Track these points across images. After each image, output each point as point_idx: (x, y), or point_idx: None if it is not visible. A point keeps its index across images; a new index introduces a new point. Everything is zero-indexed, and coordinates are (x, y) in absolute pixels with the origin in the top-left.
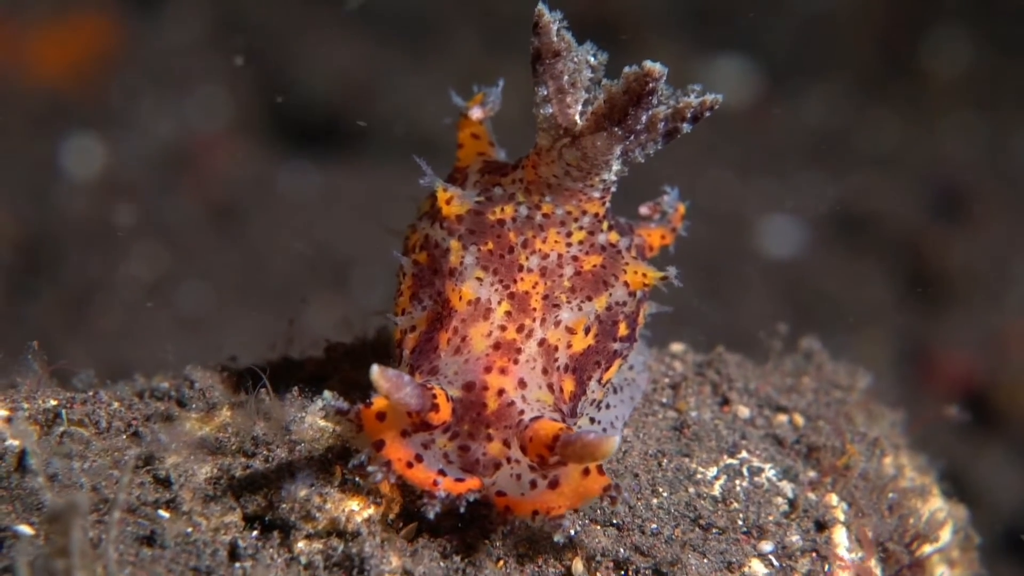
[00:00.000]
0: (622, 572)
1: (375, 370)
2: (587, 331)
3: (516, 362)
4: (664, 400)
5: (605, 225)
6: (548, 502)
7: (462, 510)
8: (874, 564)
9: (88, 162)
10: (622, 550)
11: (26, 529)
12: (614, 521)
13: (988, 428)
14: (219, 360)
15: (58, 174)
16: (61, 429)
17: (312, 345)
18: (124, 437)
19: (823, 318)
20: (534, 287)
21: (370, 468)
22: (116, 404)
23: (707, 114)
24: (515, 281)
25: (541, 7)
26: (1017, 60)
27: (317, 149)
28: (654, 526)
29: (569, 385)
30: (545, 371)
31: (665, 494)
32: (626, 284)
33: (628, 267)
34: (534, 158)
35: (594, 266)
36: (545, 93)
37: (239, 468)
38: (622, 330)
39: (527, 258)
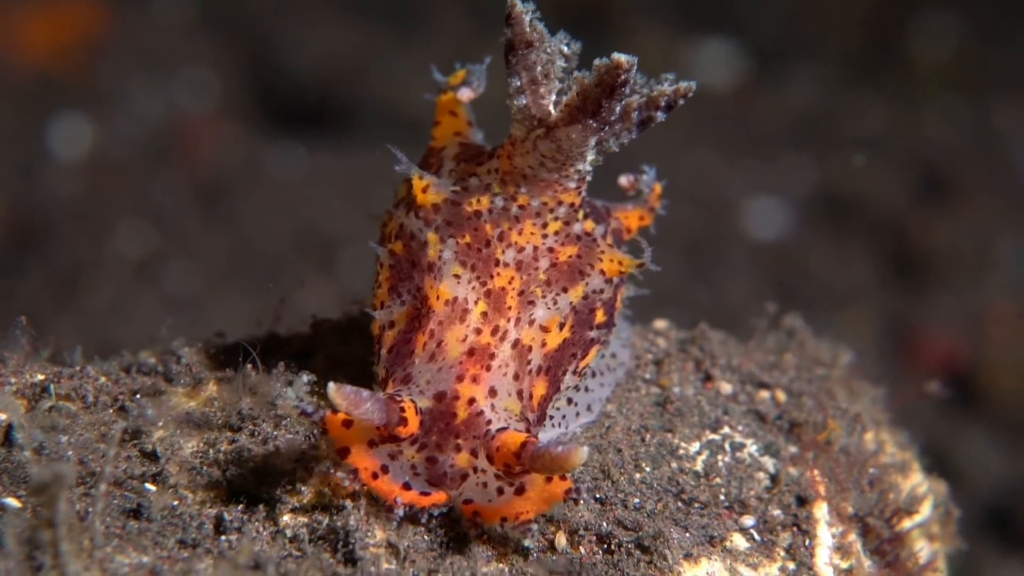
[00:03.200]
0: (605, 546)
1: (331, 388)
2: (562, 326)
3: (489, 368)
4: (647, 376)
5: (581, 214)
6: (516, 508)
7: (423, 520)
8: (854, 538)
9: (76, 143)
10: (605, 524)
11: (13, 502)
12: (597, 496)
13: (969, 408)
14: (206, 336)
15: (47, 155)
16: (48, 403)
17: (299, 322)
18: (111, 411)
19: (808, 299)
20: (510, 282)
21: (338, 474)
22: (103, 379)
23: (681, 102)
24: (492, 276)
25: None
26: (1001, 46)
27: (305, 130)
28: (637, 500)
29: (540, 389)
30: (517, 376)
31: (648, 469)
32: (602, 272)
33: (604, 255)
34: (509, 148)
35: (570, 256)
36: (519, 84)
37: (225, 442)
38: (599, 317)
39: (503, 252)
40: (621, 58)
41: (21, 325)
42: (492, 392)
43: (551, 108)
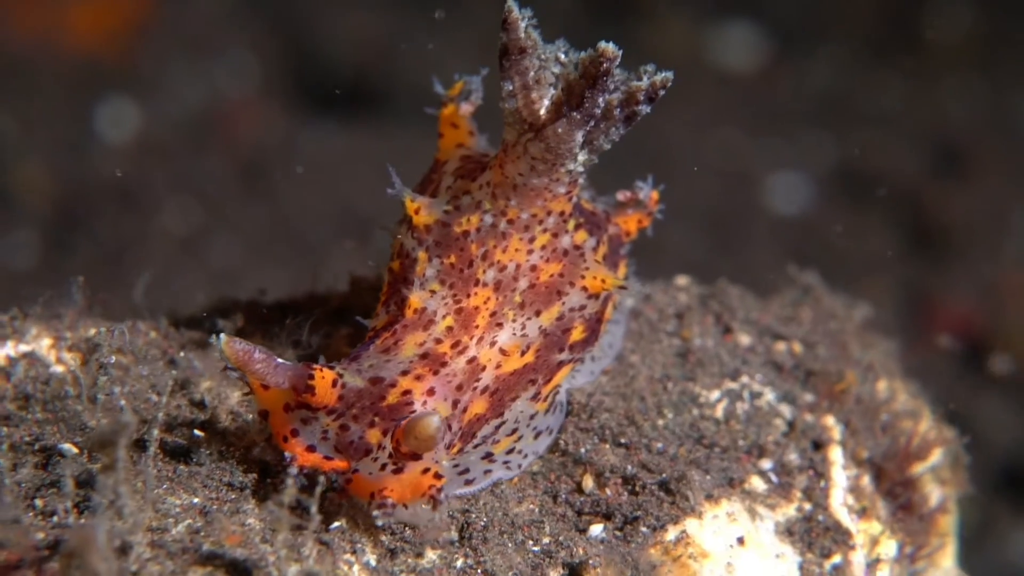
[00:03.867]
0: (630, 487)
1: (223, 339)
2: (524, 352)
3: (436, 373)
4: (669, 329)
5: (571, 224)
6: (384, 484)
7: (319, 486)
8: (868, 481)
9: (123, 125)
10: (630, 467)
11: (71, 448)
12: (622, 440)
13: (985, 374)
14: (251, 295)
15: (94, 137)
16: (102, 357)
17: (337, 281)
18: (161, 364)
19: (827, 271)
20: (485, 303)
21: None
22: (153, 334)
23: (662, 92)
24: (468, 296)
25: (510, 4)
26: (1015, 24)
27: (341, 112)
28: (660, 445)
29: (478, 407)
30: (460, 387)
31: (670, 415)
32: (584, 289)
33: (588, 272)
34: (501, 156)
35: (551, 276)
36: (511, 88)
37: None
38: (576, 335)
39: (484, 271)
40: (606, 47)
41: (77, 284)
42: (430, 392)
43: (542, 112)
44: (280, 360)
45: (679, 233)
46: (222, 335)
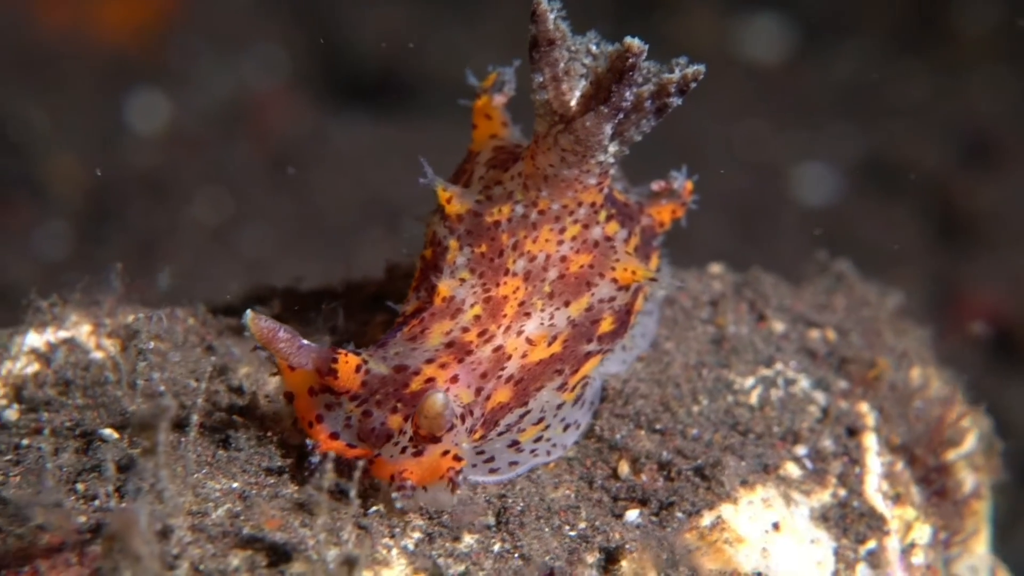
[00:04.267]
0: (665, 473)
1: (248, 315)
2: (552, 342)
3: (461, 361)
4: (704, 316)
5: (603, 215)
6: (404, 467)
7: (357, 471)
8: (902, 468)
9: (153, 117)
10: (665, 453)
11: (111, 433)
12: (657, 427)
13: (1015, 363)
14: (287, 283)
15: (124, 129)
16: (141, 343)
17: (372, 269)
18: (199, 350)
19: (855, 262)
20: (514, 292)
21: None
22: (191, 320)
23: (693, 85)
24: (497, 285)
25: None
26: None
27: (369, 103)
28: (695, 431)
29: (502, 396)
30: (485, 375)
31: (705, 402)
32: (614, 280)
33: (618, 264)
34: (532, 147)
35: (581, 267)
36: (541, 79)
37: None
38: (605, 326)
39: (514, 261)
40: (632, 42)
41: (116, 271)
42: (454, 379)
43: (572, 104)
44: (305, 341)
45: (707, 223)
46: (248, 312)
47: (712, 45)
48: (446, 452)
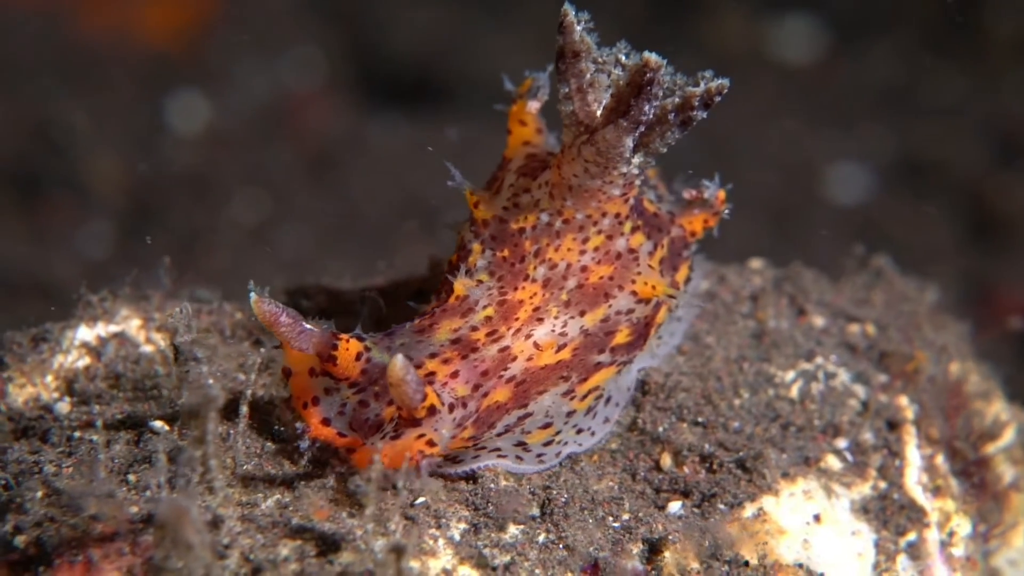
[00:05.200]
0: (707, 465)
1: (253, 297)
2: (559, 349)
3: (464, 358)
4: (744, 311)
5: (628, 226)
6: (381, 452)
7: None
8: (942, 460)
9: (193, 118)
10: (707, 446)
11: (161, 425)
12: (699, 419)
13: None
14: (330, 278)
15: (165, 129)
16: (190, 336)
17: (413, 265)
18: (247, 344)
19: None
20: (531, 298)
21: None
22: (239, 314)
23: (717, 99)
24: (515, 289)
25: (567, 7)
26: None
27: (406, 104)
28: (736, 424)
29: (500, 395)
30: (485, 373)
31: (746, 395)
32: (634, 293)
33: (639, 277)
34: (559, 157)
35: (601, 278)
36: (567, 90)
37: None
38: (620, 338)
39: (535, 268)
40: (650, 57)
41: (165, 266)
42: (454, 375)
43: (598, 115)
44: (308, 325)
45: (742, 222)
46: (252, 293)
47: (744, 46)
48: (421, 436)
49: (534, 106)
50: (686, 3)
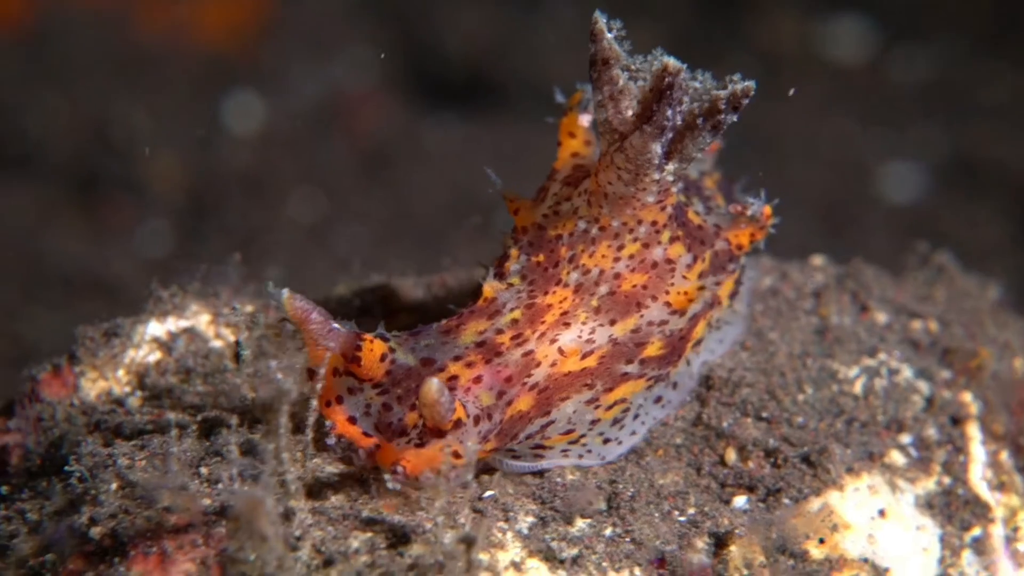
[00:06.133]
0: (772, 460)
1: (284, 293)
2: (585, 356)
3: (488, 362)
4: (807, 307)
5: (666, 236)
6: (404, 455)
7: (355, 460)
8: (1006, 457)
9: (249, 118)
10: (772, 440)
11: (232, 419)
12: (763, 415)
13: None
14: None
15: (222, 129)
16: (258, 332)
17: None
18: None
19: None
20: (560, 302)
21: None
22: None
23: (745, 101)
24: (545, 293)
25: (597, 15)
26: None
27: (459, 104)
28: (801, 419)
29: (523, 404)
30: (509, 379)
31: (810, 391)
32: (667, 304)
33: (673, 287)
34: (597, 164)
35: (634, 286)
36: (600, 98)
37: None
38: (651, 350)
39: (568, 273)
40: (668, 61)
41: (234, 262)
42: (477, 379)
43: (631, 122)
44: (336, 324)
45: (796, 221)
46: (285, 290)
47: (796, 47)
48: (447, 447)
49: (585, 119)
50: (738, 4)
